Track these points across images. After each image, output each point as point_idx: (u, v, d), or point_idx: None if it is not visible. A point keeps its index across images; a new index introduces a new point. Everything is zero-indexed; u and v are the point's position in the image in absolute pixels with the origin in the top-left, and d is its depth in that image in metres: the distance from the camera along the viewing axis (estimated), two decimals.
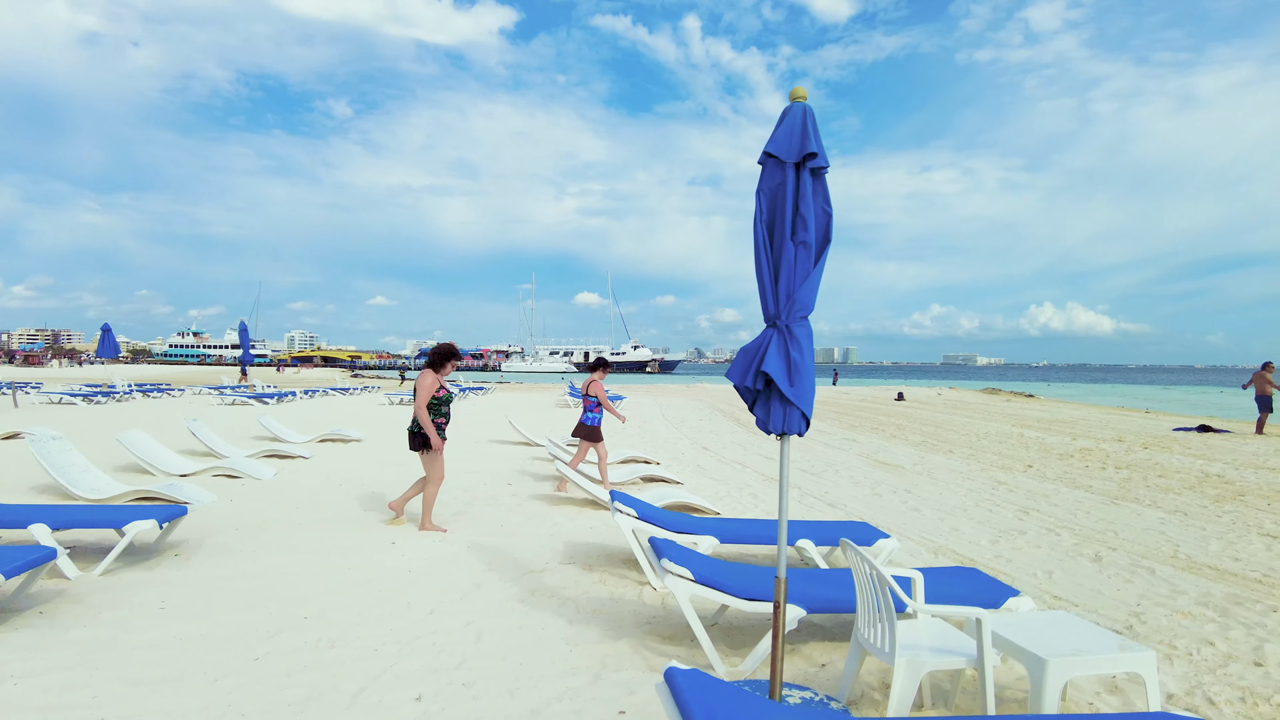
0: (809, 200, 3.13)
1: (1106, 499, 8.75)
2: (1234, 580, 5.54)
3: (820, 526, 5.45)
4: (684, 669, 2.34)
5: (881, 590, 2.91)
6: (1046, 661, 2.80)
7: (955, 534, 6.92)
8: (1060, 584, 5.38)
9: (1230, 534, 7.00)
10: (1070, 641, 2.97)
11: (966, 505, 8.29)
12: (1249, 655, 4.06)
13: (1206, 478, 10.39)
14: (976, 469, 11.12)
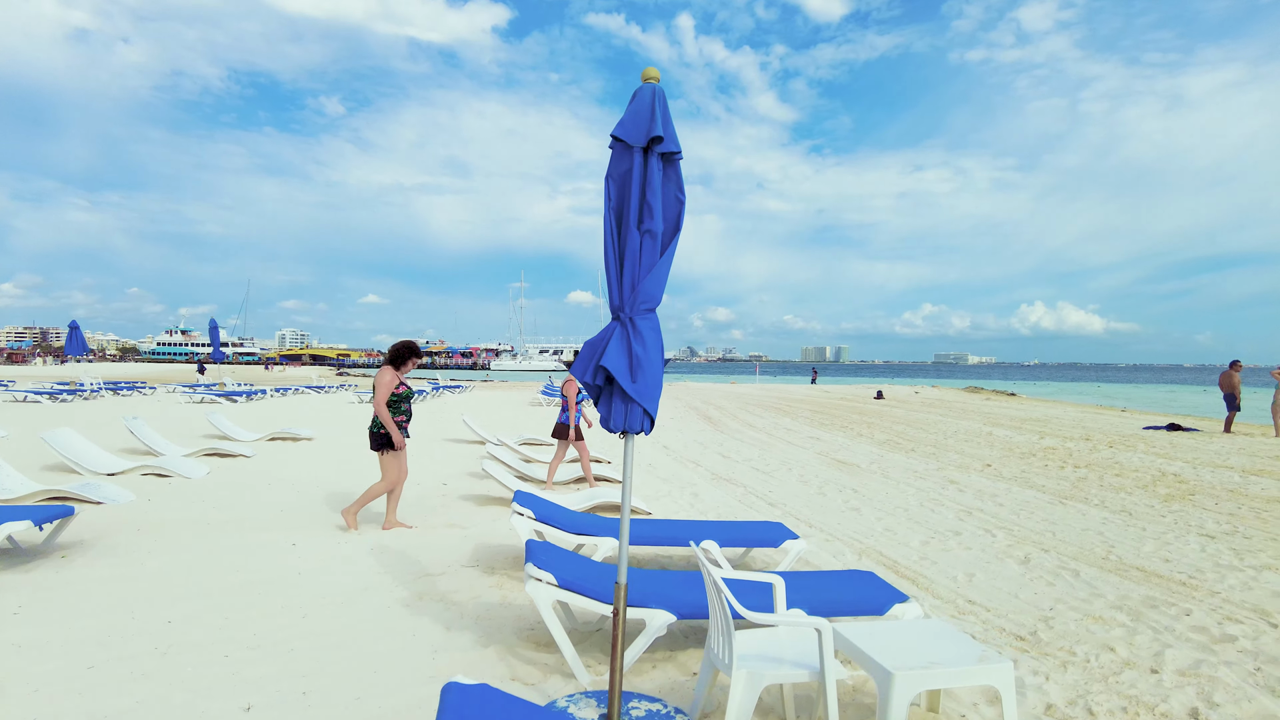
0: (656, 187, 2.95)
1: (1056, 499, 8.62)
2: (1157, 582, 5.41)
3: (730, 527, 5.28)
4: (466, 684, 2.17)
5: (719, 598, 2.75)
6: (892, 675, 2.64)
7: (888, 535, 6.77)
8: (978, 587, 5.23)
9: (1169, 534, 6.88)
10: (926, 653, 2.82)
11: (910, 505, 8.14)
12: (1148, 662, 3.92)
13: (1162, 477, 10.29)
14: (933, 468, 10.99)
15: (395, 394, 5.94)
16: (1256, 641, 4.22)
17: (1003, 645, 4.11)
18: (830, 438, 15.22)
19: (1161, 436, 15.71)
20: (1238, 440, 15.06)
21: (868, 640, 2.89)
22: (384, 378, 5.87)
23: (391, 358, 5.99)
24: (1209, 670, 3.81)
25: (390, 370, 5.93)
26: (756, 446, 13.41)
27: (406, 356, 6.02)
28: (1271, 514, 7.81)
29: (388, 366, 5.96)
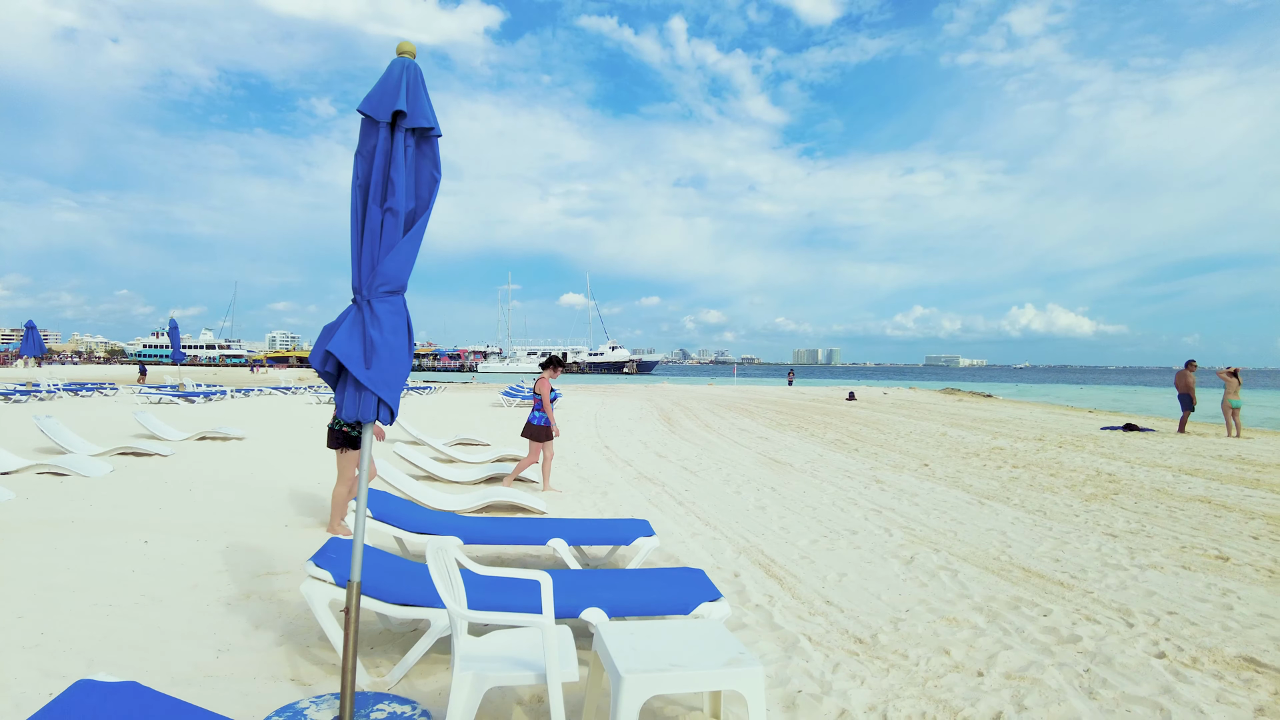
0: (400, 164, 2.80)
1: (978, 498, 8.49)
2: (1035, 583, 5.27)
3: (585, 525, 5.13)
4: (105, 681, 1.99)
5: (451, 595, 2.58)
6: (622, 677, 2.48)
7: (780, 534, 6.62)
8: (845, 588, 5.08)
9: (1073, 534, 6.75)
10: (676, 655, 2.65)
11: (821, 504, 8.00)
12: (978, 665, 3.77)
13: (1095, 476, 10.18)
14: (866, 468, 10.85)
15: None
16: (1101, 642, 4.08)
17: (835, 648, 3.95)
18: (780, 438, 15.08)
19: (1114, 437, 15.64)
20: (1189, 440, 15.00)
21: (620, 640, 2.73)
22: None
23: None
24: (1036, 673, 3.67)
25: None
26: (700, 446, 13.25)
27: None
28: (1186, 512, 7.70)
29: None
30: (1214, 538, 6.62)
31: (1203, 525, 7.13)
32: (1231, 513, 7.74)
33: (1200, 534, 6.76)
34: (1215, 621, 4.46)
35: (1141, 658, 3.88)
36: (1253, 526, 7.09)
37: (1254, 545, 6.36)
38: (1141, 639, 4.16)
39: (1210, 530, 6.91)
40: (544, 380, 8.02)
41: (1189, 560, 5.86)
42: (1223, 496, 8.65)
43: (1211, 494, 8.81)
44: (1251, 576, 5.43)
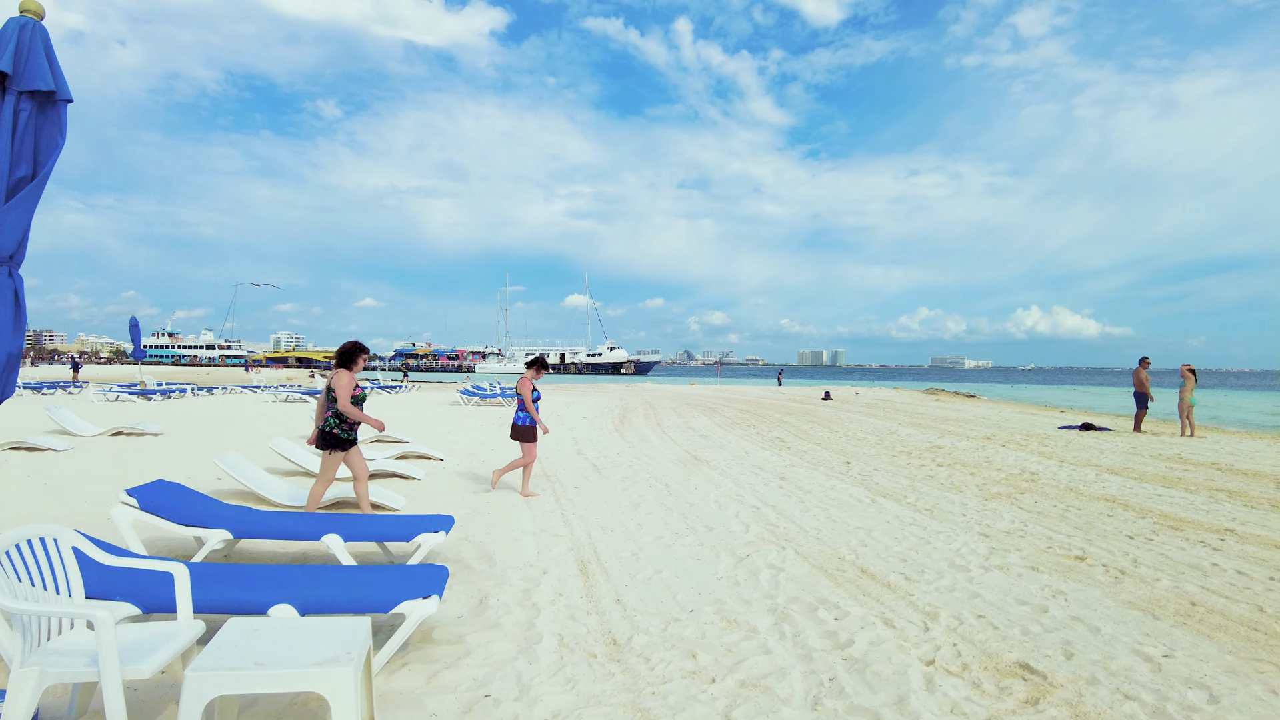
0: (5, 127, 2.56)
1: (874, 496, 8.19)
2: (863, 583, 4.98)
3: (374, 521, 4.88)
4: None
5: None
6: (186, 675, 2.24)
7: (632, 530, 6.35)
8: (648, 586, 4.81)
9: (944, 534, 6.45)
10: (271, 654, 2.40)
11: (704, 502, 7.71)
12: (719, 672, 3.49)
13: (1015, 475, 9.85)
14: (781, 464, 10.56)
15: (353, 395, 5.85)
16: (875, 648, 3.80)
17: (577, 650, 3.68)
18: (720, 435, 14.78)
19: (1065, 436, 15.27)
20: (1139, 439, 14.62)
21: (228, 637, 2.49)
22: (342, 379, 5.82)
23: (342, 359, 5.93)
24: (774, 680, 3.39)
25: (346, 372, 5.88)
26: (630, 445, 12.97)
27: (356, 355, 5.97)
28: (1080, 512, 7.39)
29: (342, 369, 5.88)
30: (1089, 537, 6.31)
31: (1087, 524, 6.82)
32: (1127, 511, 7.41)
33: (1078, 534, 6.45)
34: (1019, 626, 4.17)
35: (904, 665, 3.60)
36: (1138, 525, 6.77)
37: (1124, 545, 6.05)
38: (925, 644, 3.87)
39: (1091, 530, 6.60)
40: (525, 380, 7.79)
41: (1043, 561, 5.56)
42: (1130, 495, 8.32)
43: (1121, 493, 8.48)
44: (1097, 578, 5.13)
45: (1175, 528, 6.69)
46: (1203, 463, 11.08)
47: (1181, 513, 7.35)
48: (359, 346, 6.03)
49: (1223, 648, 3.88)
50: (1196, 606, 4.54)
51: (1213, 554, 5.79)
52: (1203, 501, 7.94)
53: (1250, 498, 8.20)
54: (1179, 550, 5.89)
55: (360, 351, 6.01)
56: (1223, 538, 6.32)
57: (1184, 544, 6.10)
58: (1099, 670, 3.56)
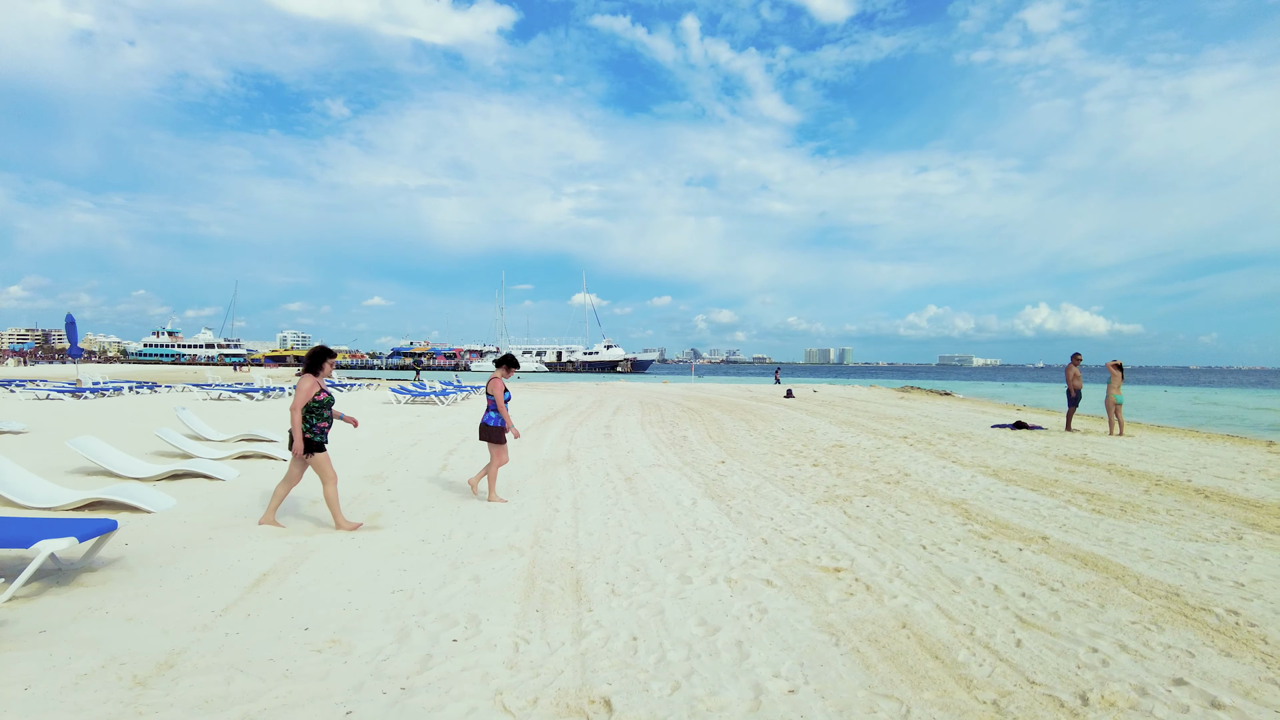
0: None
1: (699, 497, 7.68)
2: (554, 591, 4.47)
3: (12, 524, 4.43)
4: None
5: None
6: None
7: (420, 518, 5.87)
8: (314, 588, 4.32)
9: (730, 538, 5.95)
10: None
11: (516, 502, 7.22)
12: (365, 675, 2.99)
13: (880, 477, 9.30)
14: (645, 465, 10.04)
15: (316, 400, 5.83)
16: (454, 676, 3.29)
17: (301, 648, 3.20)
18: (626, 434, 14.26)
19: (987, 435, 14.66)
20: (1062, 438, 13.99)
21: None
22: (304, 384, 5.80)
23: (308, 364, 5.90)
24: (301, 685, 2.89)
25: (310, 377, 5.84)
26: (526, 442, 12.48)
27: (322, 360, 5.93)
28: (905, 517, 6.86)
29: (307, 374, 5.86)
30: (879, 546, 5.78)
31: (894, 532, 6.28)
32: (956, 517, 6.87)
33: (868, 543, 5.91)
34: (661, 652, 3.65)
35: (474, 705, 3.09)
36: (950, 533, 6.23)
37: (905, 555, 5.51)
38: (519, 679, 3.36)
39: (890, 538, 6.07)
40: (496, 380, 7.30)
41: (791, 573, 5.04)
42: (981, 499, 7.76)
43: (974, 496, 7.93)
44: (827, 595, 4.60)
45: (987, 536, 6.14)
46: (1099, 463, 10.48)
47: (1014, 519, 6.79)
48: (325, 351, 5.98)
49: (871, 678, 3.36)
50: (905, 628, 4.01)
51: (995, 565, 5.25)
52: (1051, 507, 7.37)
53: (1108, 501, 7.62)
54: (960, 562, 5.35)
55: (326, 356, 5.96)
56: (1023, 547, 5.77)
57: (975, 554, 5.56)
58: (685, 709, 3.04)
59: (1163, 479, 9.09)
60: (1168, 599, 4.50)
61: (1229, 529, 6.40)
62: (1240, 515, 6.97)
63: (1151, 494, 8.08)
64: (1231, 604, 4.40)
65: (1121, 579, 4.92)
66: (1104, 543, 5.90)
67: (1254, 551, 5.64)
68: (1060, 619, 4.14)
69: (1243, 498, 7.88)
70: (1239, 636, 3.90)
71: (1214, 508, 7.35)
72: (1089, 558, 5.45)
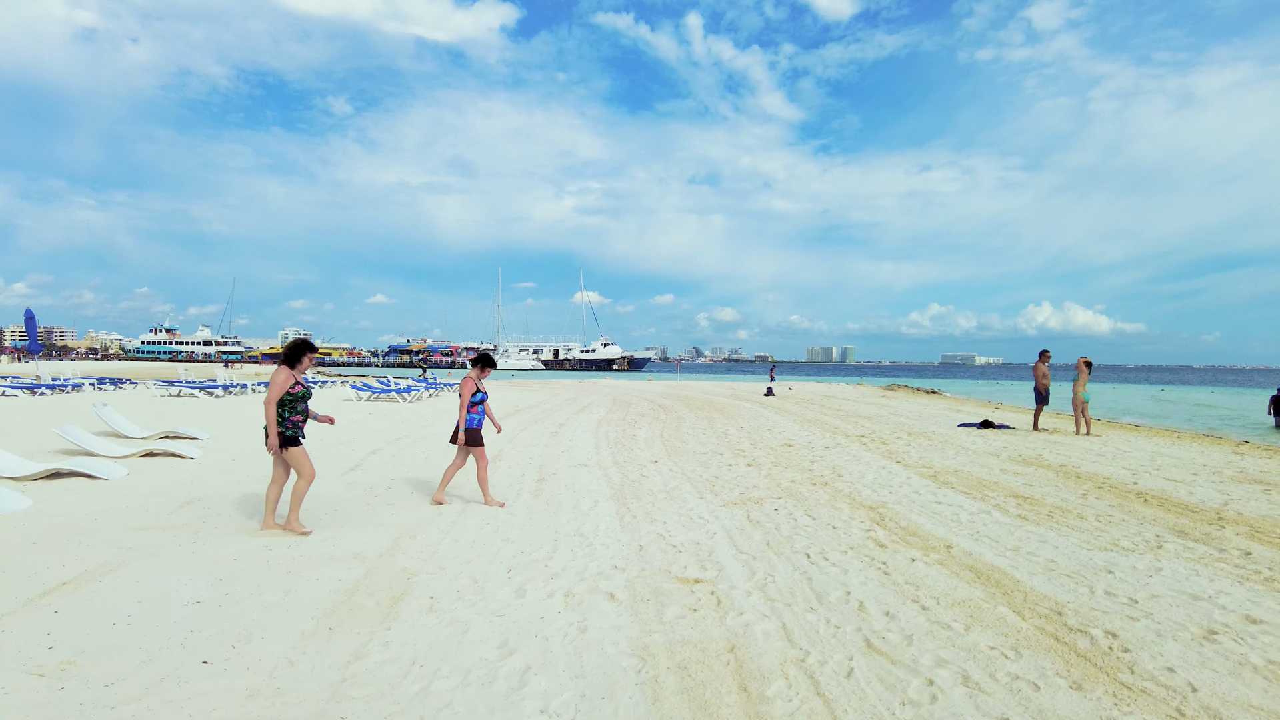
0: None
1: (611, 498, 7.22)
2: (352, 603, 4.02)
3: None
4: None
5: None
6: None
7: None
8: (165, 604, 3.88)
9: (587, 540, 5.49)
10: None
11: (410, 496, 6.78)
12: None
13: (809, 478, 8.83)
14: (574, 463, 9.59)
15: (291, 393, 5.56)
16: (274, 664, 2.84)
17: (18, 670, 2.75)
18: (578, 434, 13.81)
19: (948, 435, 14.17)
20: (1026, 438, 13.49)
21: None
22: (278, 377, 5.53)
23: (286, 356, 5.61)
24: None
25: (285, 370, 5.57)
26: None
27: (302, 354, 5.63)
28: (810, 522, 6.41)
29: (283, 366, 5.59)
30: (753, 557, 5.32)
31: (785, 540, 5.82)
32: (866, 523, 6.41)
33: (748, 553, 5.45)
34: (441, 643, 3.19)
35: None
36: (845, 540, 5.77)
37: (773, 566, 5.04)
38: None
39: (774, 546, 5.61)
40: (467, 380, 6.79)
41: (641, 586, 4.57)
42: (903, 504, 7.30)
43: (897, 500, 7.46)
44: (637, 605, 4.13)
45: (884, 545, 5.67)
46: (1050, 465, 9.99)
47: (926, 525, 6.33)
48: (306, 344, 5.71)
49: (652, 714, 2.90)
50: (731, 651, 3.55)
51: (875, 578, 4.79)
52: (974, 512, 6.90)
53: (1039, 506, 7.16)
54: (839, 574, 4.90)
55: (306, 349, 5.67)
56: (917, 557, 5.30)
57: (860, 565, 5.10)
58: None
59: (1109, 481, 8.61)
60: (1046, 619, 4.03)
61: (1152, 537, 5.93)
62: (1171, 521, 6.49)
63: (1089, 498, 7.60)
64: (1114, 624, 3.93)
65: (1008, 595, 4.45)
66: (1010, 552, 5.43)
67: (1166, 562, 5.17)
68: (912, 644, 3.67)
69: (1182, 502, 7.40)
70: (1104, 664, 3.43)
71: (1147, 513, 6.87)
72: (985, 570, 4.98)
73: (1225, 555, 5.38)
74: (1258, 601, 4.34)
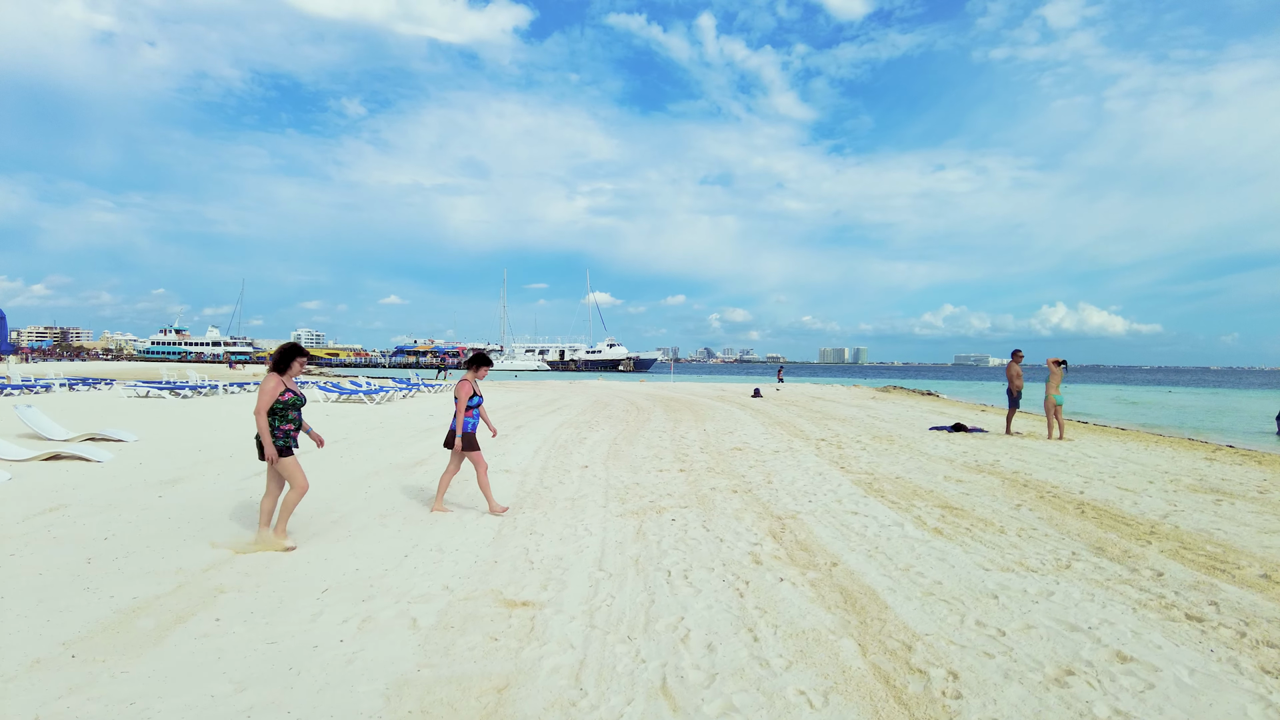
0: None
1: (528, 502, 6.78)
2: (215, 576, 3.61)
3: None
4: None
5: None
6: None
7: None
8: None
9: (438, 545, 5.05)
10: None
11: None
12: None
13: (733, 485, 8.35)
14: (511, 465, 9.16)
15: (281, 401, 5.19)
16: None
17: None
18: (528, 437, 13.39)
19: (916, 437, 13.61)
20: (994, 442, 12.91)
21: None
22: (267, 384, 5.16)
23: (276, 362, 5.27)
24: None
25: (274, 376, 5.22)
26: (392, 446, 11.65)
27: (291, 359, 5.30)
28: (704, 533, 5.95)
29: (272, 373, 5.25)
30: (610, 573, 4.87)
31: (650, 557, 5.36)
32: (752, 537, 5.92)
33: (610, 569, 5.00)
34: None
35: None
36: (714, 558, 5.29)
37: (621, 587, 4.59)
38: None
39: (644, 561, 5.16)
40: (464, 382, 6.36)
41: (439, 610, 4.13)
42: (817, 515, 6.81)
43: (814, 509, 6.98)
44: (430, 634, 3.69)
45: (761, 561, 5.20)
46: (1002, 472, 9.45)
47: (826, 539, 5.86)
48: (296, 349, 5.36)
49: None
50: (499, 692, 3.10)
51: (720, 604, 4.33)
52: (886, 524, 6.41)
53: (964, 517, 6.66)
54: (688, 596, 4.44)
55: (297, 354, 5.33)
56: (785, 576, 4.83)
57: (717, 586, 4.66)
58: None
59: (1054, 491, 8.07)
60: (890, 655, 3.56)
61: (1066, 554, 5.41)
62: (1096, 537, 5.97)
63: (1022, 509, 7.07)
64: (964, 663, 3.45)
65: (864, 624, 3.97)
66: (898, 572, 4.94)
67: (1065, 585, 4.66)
68: (711, 684, 3.21)
69: (1122, 514, 6.86)
70: (920, 715, 2.95)
71: (1075, 526, 6.34)
72: (857, 593, 4.50)
73: (1134, 577, 4.87)
74: (1141, 634, 3.84)
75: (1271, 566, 5.14)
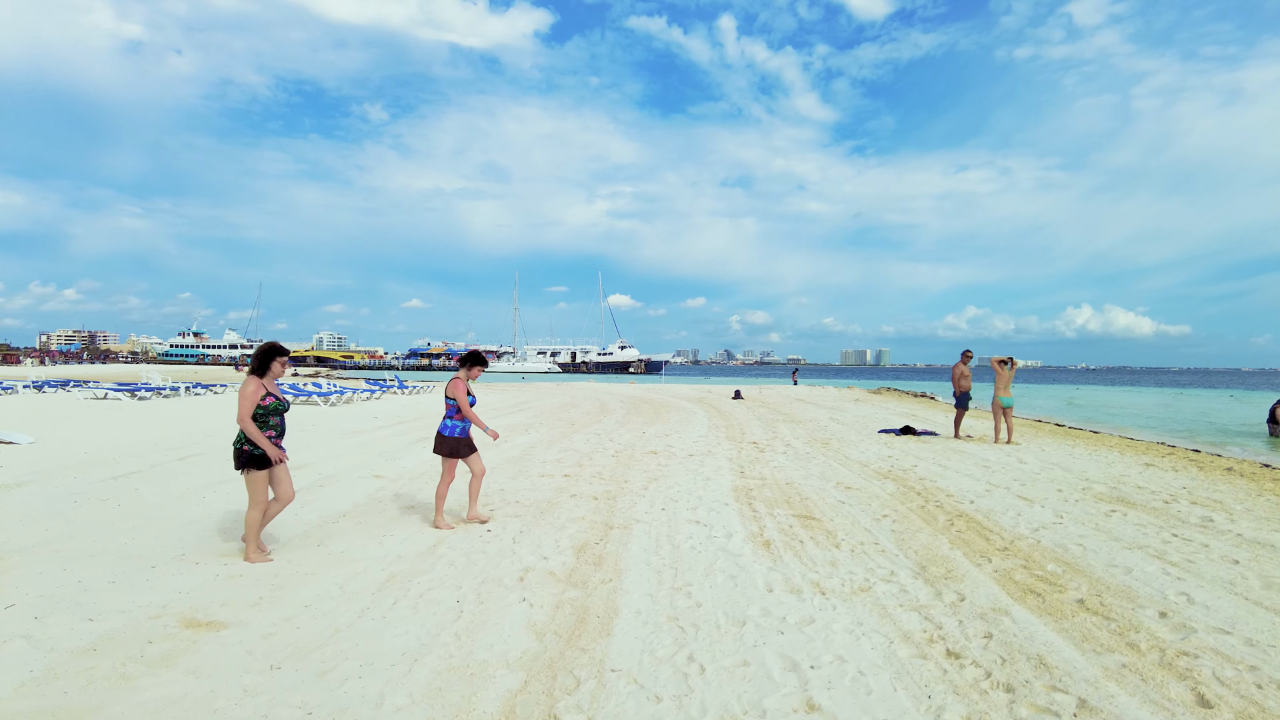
0: None
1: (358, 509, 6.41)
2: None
3: None
4: None
5: None
6: None
7: None
8: None
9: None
10: None
11: None
12: None
13: (618, 489, 7.89)
14: (359, 476, 8.79)
15: (262, 406, 4.89)
16: None
17: None
18: None
19: (860, 440, 13.01)
20: (933, 445, 12.26)
21: None
22: (245, 389, 4.86)
23: (254, 364, 4.97)
24: None
25: (254, 380, 4.91)
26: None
27: (270, 360, 4.99)
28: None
29: (251, 376, 4.94)
30: (344, 591, 4.42)
31: (395, 574, 4.91)
32: (555, 550, 5.46)
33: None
34: None
35: None
36: (489, 571, 4.84)
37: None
38: None
39: (393, 575, 4.70)
40: (458, 382, 6.05)
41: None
42: (656, 525, 6.34)
43: (660, 519, 6.50)
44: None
45: (521, 580, 4.74)
46: (906, 480, 8.84)
47: (635, 554, 5.39)
48: (276, 349, 5.03)
49: None
50: None
51: (398, 623, 3.86)
52: (714, 537, 5.91)
53: (817, 530, 6.14)
54: (373, 620, 3.98)
55: (276, 354, 5.00)
56: (527, 599, 4.35)
57: (433, 610, 4.19)
58: None
59: (945, 500, 7.49)
60: (543, 696, 3.07)
61: (884, 574, 4.91)
62: (937, 554, 5.43)
63: (885, 520, 6.52)
64: (620, 710, 2.96)
65: (562, 654, 3.52)
66: (671, 590, 4.48)
67: (839, 613, 4.17)
68: None
69: (992, 527, 6.28)
70: None
71: (927, 541, 5.80)
72: (596, 615, 4.06)
73: (932, 603, 4.33)
74: (865, 676, 3.32)
75: (1100, 589, 4.57)
